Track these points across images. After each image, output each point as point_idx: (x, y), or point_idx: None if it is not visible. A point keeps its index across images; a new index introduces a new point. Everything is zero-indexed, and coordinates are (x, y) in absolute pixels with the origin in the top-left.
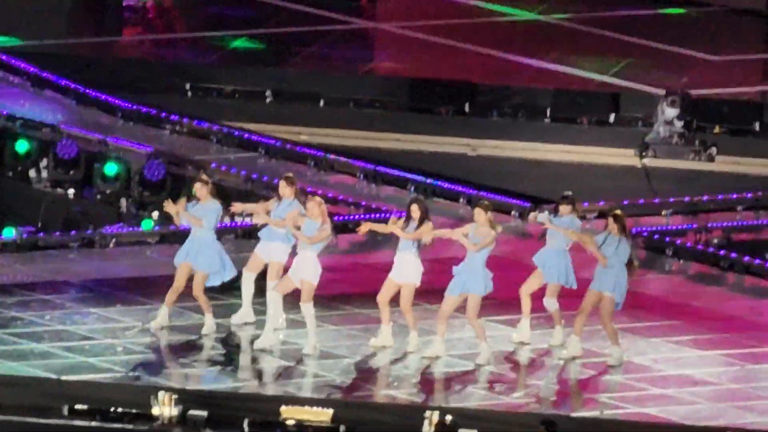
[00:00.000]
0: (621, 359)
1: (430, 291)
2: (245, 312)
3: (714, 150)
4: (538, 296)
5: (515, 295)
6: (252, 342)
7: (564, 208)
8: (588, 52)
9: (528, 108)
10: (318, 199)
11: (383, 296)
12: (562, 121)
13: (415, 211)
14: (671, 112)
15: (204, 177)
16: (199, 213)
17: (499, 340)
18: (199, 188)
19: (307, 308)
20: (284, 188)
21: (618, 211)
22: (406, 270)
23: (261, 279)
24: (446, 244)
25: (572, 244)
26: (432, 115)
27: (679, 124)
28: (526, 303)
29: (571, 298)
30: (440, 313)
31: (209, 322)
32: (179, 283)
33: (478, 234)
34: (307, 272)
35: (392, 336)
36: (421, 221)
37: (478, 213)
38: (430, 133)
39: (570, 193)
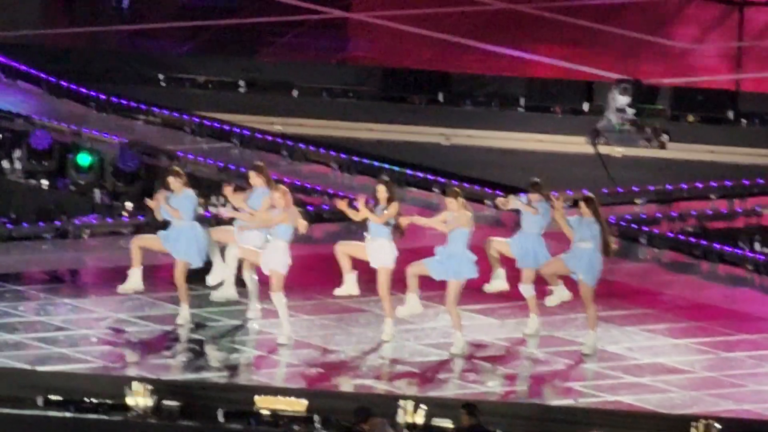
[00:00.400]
0: (594, 347)
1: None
2: (220, 274)
3: (666, 137)
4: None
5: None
6: (225, 333)
7: (533, 195)
8: (561, 40)
9: (501, 97)
10: (283, 188)
11: (347, 248)
12: (536, 110)
13: (381, 191)
14: (623, 100)
15: (177, 169)
16: (175, 204)
17: (474, 329)
18: (173, 181)
19: (278, 297)
20: (254, 178)
21: (590, 195)
22: (380, 254)
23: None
24: (421, 233)
25: (545, 230)
26: (405, 104)
27: (630, 112)
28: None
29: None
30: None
31: (184, 313)
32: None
33: (455, 220)
34: (276, 262)
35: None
36: (389, 202)
37: (450, 201)
38: (404, 123)
39: (538, 179)
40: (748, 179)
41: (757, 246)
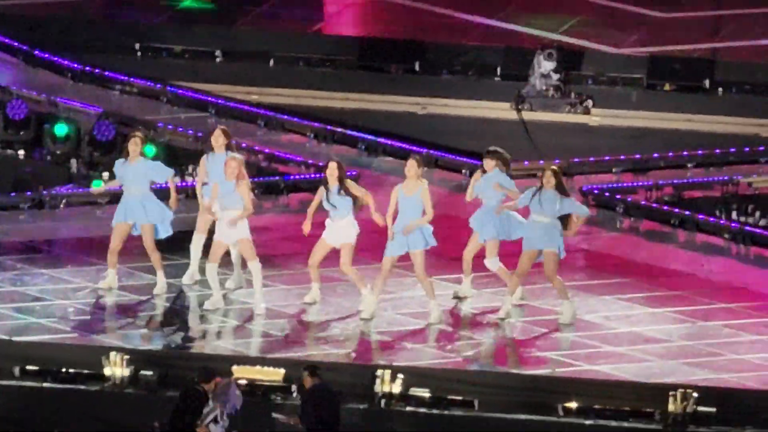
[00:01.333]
0: (573, 315)
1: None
2: (194, 271)
3: (590, 102)
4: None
5: (476, 254)
6: (203, 303)
7: (488, 163)
8: (539, 9)
9: (478, 66)
10: (240, 158)
11: (314, 260)
12: (513, 79)
13: (332, 169)
14: (548, 65)
15: (140, 134)
16: (142, 170)
17: (452, 299)
18: (138, 144)
19: (255, 265)
20: (219, 138)
21: (555, 166)
22: (342, 232)
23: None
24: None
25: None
26: (382, 73)
27: (555, 77)
28: (466, 265)
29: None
30: (381, 273)
31: (161, 282)
32: (116, 243)
33: (406, 188)
34: (241, 231)
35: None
36: (341, 181)
37: (411, 165)
38: (380, 92)
39: (496, 148)
40: (724, 148)
41: (733, 215)
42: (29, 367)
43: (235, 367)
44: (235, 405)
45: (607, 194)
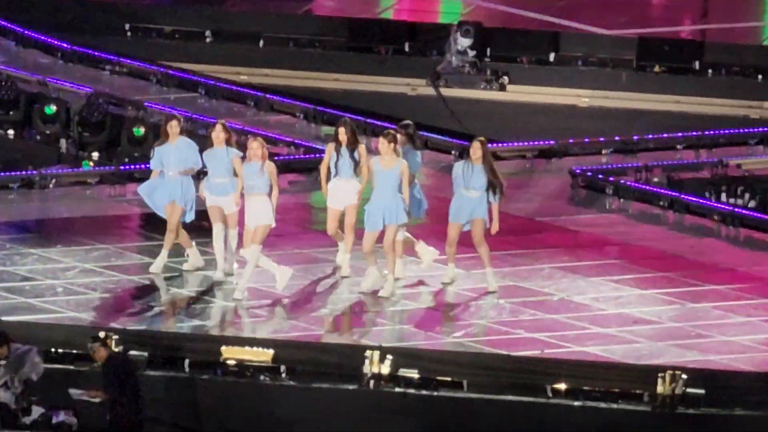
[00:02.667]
0: (494, 284)
1: None
2: (222, 266)
3: (506, 79)
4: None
5: (465, 235)
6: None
7: (400, 138)
8: None
9: (468, 47)
10: (260, 139)
11: (332, 228)
12: (502, 60)
13: (343, 134)
14: (464, 42)
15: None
16: (184, 152)
17: (441, 280)
18: (176, 127)
19: (256, 250)
20: (220, 133)
21: (482, 138)
22: (345, 195)
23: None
24: None
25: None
26: (371, 54)
27: (471, 54)
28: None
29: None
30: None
31: (161, 261)
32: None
33: (383, 163)
34: (263, 216)
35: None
36: (353, 143)
37: (382, 143)
38: (370, 73)
39: (409, 122)
40: (714, 129)
41: (723, 197)
42: None
43: (224, 348)
44: (33, 373)
45: (596, 176)
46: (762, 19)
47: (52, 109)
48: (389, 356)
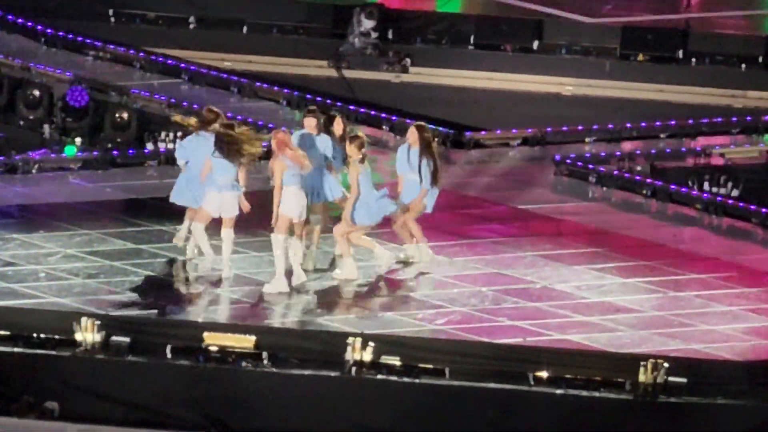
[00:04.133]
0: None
1: None
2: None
3: (408, 61)
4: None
5: (448, 223)
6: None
7: (309, 122)
8: None
9: (452, 35)
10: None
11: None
12: (486, 48)
13: (339, 124)
14: (368, 24)
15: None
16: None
17: (423, 267)
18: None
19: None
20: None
21: (422, 123)
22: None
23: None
24: None
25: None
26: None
27: (374, 35)
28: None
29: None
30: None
31: (184, 231)
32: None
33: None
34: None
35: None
36: (343, 137)
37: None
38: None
39: (314, 107)
40: (697, 118)
41: (705, 186)
42: (0, 332)
43: (206, 334)
44: None
45: (579, 164)
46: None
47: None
48: (371, 343)
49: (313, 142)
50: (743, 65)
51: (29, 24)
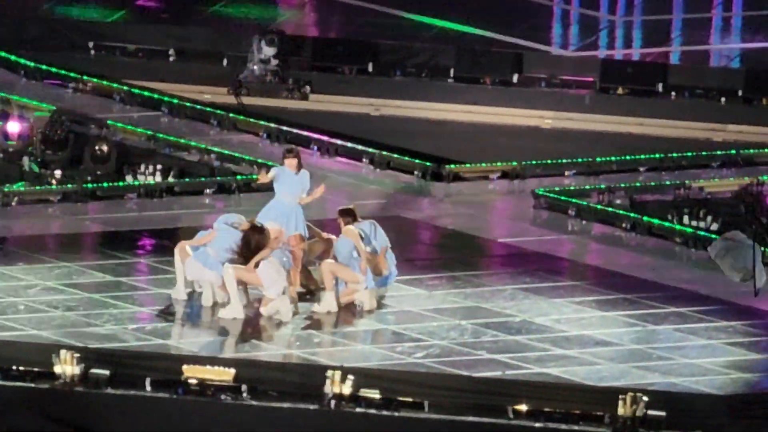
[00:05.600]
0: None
1: None
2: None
3: (308, 88)
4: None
5: (427, 256)
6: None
7: (290, 162)
8: (492, 11)
9: (431, 67)
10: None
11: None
12: (465, 81)
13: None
14: (269, 51)
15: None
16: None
17: (403, 301)
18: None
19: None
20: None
21: (294, 146)
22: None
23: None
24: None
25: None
26: (335, 74)
27: (274, 63)
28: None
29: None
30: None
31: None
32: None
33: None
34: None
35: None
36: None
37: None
38: (333, 93)
39: (294, 147)
40: (677, 152)
41: (685, 219)
42: None
43: (185, 367)
44: None
45: (559, 197)
46: None
47: (15, 126)
48: (350, 376)
49: (292, 179)
50: (723, 99)
51: (9, 56)
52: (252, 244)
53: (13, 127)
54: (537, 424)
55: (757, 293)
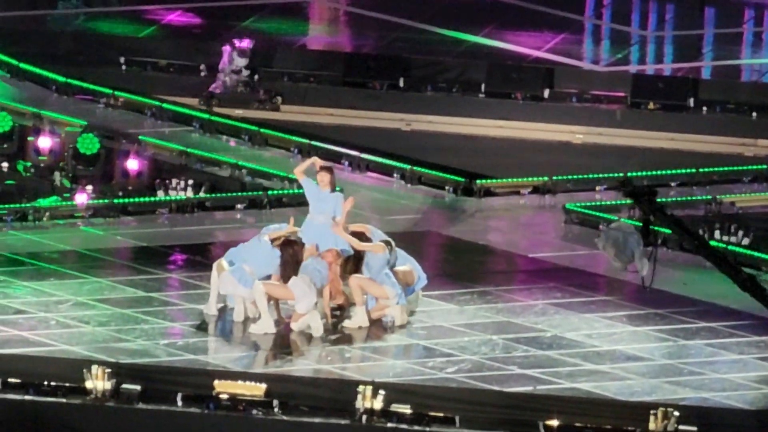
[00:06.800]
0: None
1: None
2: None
3: (279, 99)
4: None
5: (458, 271)
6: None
7: (322, 177)
8: (522, 26)
9: (462, 83)
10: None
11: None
12: (497, 96)
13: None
14: (241, 62)
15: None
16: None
17: (434, 315)
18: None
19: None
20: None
21: (329, 164)
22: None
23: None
24: None
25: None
26: (366, 89)
27: (245, 73)
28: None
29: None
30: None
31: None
32: None
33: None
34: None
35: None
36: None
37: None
38: (365, 108)
39: (329, 164)
40: (708, 167)
41: (716, 234)
42: (11, 380)
43: (216, 382)
44: None
45: (590, 212)
46: None
47: (46, 141)
48: (382, 391)
49: (322, 197)
50: (754, 113)
51: (40, 71)
52: (288, 261)
53: (45, 142)
54: None
55: (645, 285)
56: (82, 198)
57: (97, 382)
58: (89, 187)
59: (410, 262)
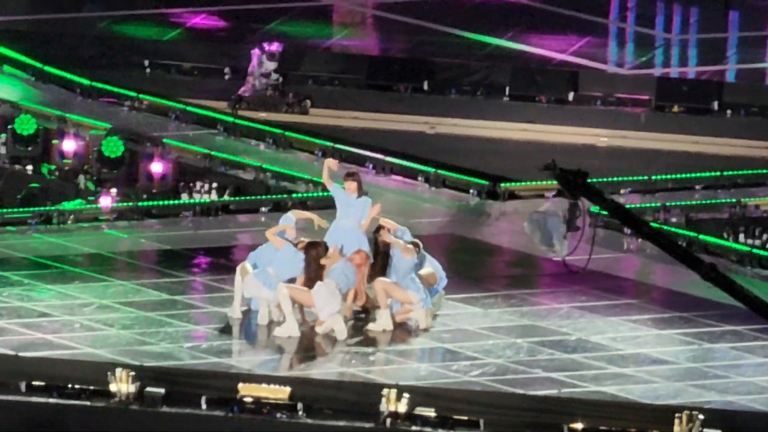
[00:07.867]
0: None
1: None
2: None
3: (308, 103)
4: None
5: (483, 275)
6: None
7: (349, 185)
8: (547, 29)
9: (486, 86)
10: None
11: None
12: (521, 99)
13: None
14: (270, 65)
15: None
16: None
17: (458, 319)
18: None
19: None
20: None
21: (354, 169)
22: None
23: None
24: None
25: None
26: (390, 92)
27: (274, 77)
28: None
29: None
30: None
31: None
32: None
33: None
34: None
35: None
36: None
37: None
38: (389, 111)
39: (355, 171)
40: (732, 170)
41: (741, 237)
42: (35, 383)
43: (241, 385)
44: None
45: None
46: None
47: (71, 144)
48: (406, 394)
49: (350, 203)
50: None
51: (65, 74)
52: (312, 263)
53: (69, 145)
54: None
55: (565, 264)
56: (106, 201)
57: (121, 385)
58: (113, 190)
59: (431, 262)
